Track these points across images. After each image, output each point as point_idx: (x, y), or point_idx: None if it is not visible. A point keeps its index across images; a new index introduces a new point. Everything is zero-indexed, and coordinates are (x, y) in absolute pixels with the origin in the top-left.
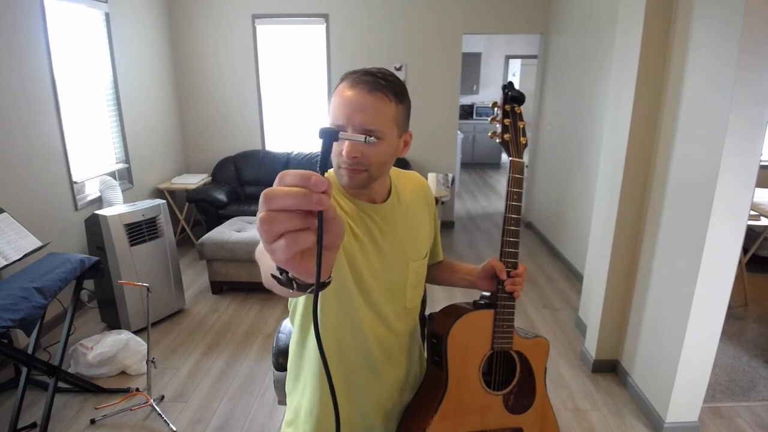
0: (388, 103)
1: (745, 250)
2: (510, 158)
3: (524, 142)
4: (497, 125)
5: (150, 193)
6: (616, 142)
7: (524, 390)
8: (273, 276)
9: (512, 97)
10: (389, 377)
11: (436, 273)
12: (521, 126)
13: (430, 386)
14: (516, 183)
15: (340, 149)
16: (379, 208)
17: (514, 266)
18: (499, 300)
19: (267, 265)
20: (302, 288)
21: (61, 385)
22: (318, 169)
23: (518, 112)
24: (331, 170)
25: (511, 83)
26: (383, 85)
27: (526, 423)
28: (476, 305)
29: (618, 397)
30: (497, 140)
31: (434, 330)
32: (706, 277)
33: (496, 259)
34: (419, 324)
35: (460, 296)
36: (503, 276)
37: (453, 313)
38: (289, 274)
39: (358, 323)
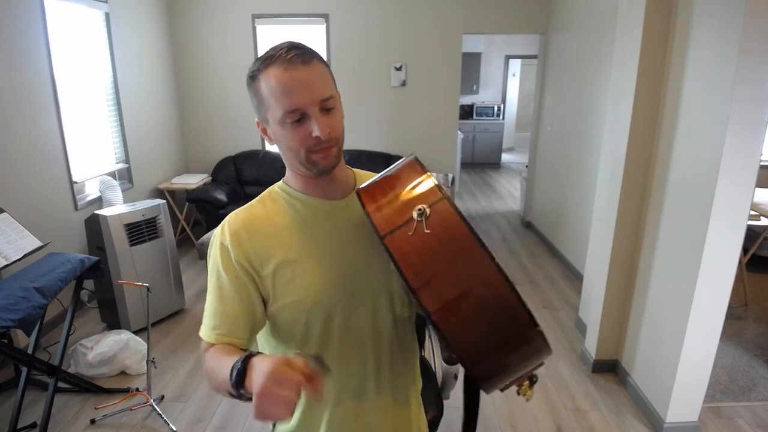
0: (323, 66)
1: (745, 250)
2: None
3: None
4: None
5: (150, 193)
6: (616, 142)
7: None
8: (234, 392)
9: None
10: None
11: None
12: None
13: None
14: None
15: (305, 134)
16: (342, 203)
17: None
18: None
19: (220, 382)
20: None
21: (61, 385)
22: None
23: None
24: (275, 186)
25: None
26: (310, 53)
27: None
28: None
29: (618, 397)
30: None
31: None
32: (706, 278)
33: None
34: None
35: None
36: None
37: None
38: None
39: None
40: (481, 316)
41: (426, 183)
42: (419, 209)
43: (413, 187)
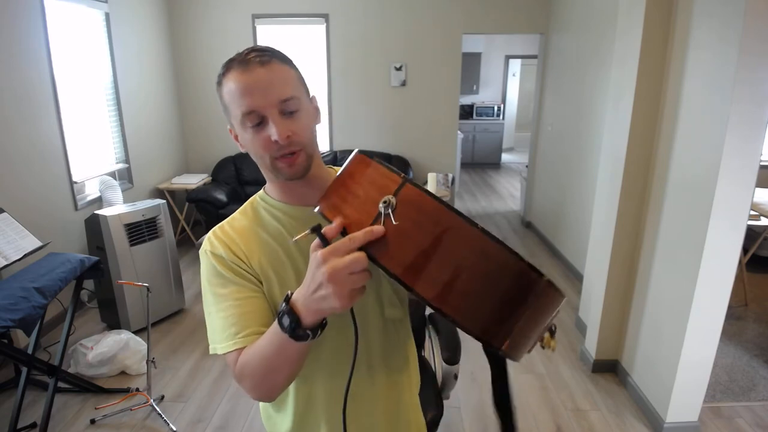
0: (285, 67)
1: (745, 250)
2: None
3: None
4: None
5: (150, 193)
6: (616, 142)
7: None
8: (294, 336)
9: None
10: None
11: None
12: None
13: None
14: None
15: (265, 139)
16: None
17: None
18: None
19: (273, 352)
20: (314, 333)
21: (61, 385)
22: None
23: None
24: (256, 196)
25: None
26: (270, 54)
27: None
28: None
29: (618, 397)
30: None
31: None
32: (706, 278)
33: None
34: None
35: None
36: None
37: None
38: (305, 329)
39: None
40: (483, 286)
41: (381, 173)
42: (384, 201)
43: (370, 182)
